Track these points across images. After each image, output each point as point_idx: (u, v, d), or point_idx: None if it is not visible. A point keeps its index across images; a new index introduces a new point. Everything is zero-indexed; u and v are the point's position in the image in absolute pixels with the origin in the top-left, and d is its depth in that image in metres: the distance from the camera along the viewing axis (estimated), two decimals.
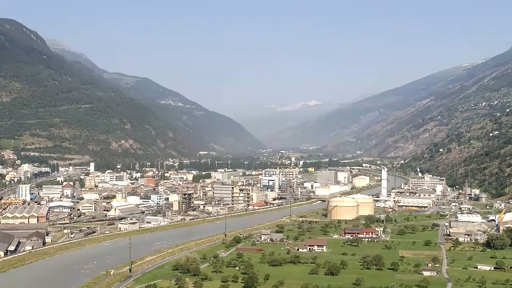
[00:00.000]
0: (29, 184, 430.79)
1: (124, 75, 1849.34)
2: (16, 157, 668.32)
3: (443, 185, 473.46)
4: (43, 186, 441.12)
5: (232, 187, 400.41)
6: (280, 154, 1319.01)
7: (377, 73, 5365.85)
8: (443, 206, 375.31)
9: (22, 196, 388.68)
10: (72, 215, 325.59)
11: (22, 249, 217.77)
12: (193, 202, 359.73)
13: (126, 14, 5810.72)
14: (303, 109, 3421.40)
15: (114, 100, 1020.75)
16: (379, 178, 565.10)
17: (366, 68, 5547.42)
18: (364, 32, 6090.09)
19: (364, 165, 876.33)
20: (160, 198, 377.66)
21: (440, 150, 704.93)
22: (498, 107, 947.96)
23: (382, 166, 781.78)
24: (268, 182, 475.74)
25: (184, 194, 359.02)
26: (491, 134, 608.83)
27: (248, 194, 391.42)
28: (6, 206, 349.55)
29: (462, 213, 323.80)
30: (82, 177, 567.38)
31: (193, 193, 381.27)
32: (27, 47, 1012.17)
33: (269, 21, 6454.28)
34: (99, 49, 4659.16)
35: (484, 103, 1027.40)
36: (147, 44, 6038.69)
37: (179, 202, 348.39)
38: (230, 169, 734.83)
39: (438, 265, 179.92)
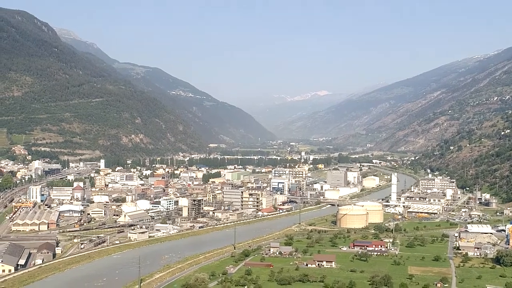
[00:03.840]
0: (40, 186, 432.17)
1: (135, 65, 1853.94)
2: (27, 153, 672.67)
3: (453, 188, 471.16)
4: (53, 187, 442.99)
5: (242, 192, 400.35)
6: (290, 147, 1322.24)
7: (388, 63, 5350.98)
8: (453, 213, 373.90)
9: (32, 198, 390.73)
10: (82, 221, 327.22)
11: (33, 262, 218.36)
12: (202, 208, 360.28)
13: (137, 3, 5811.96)
14: (313, 99, 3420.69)
15: (124, 94, 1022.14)
16: (389, 177, 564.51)
17: (377, 58, 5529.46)
18: (375, 22, 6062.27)
19: (374, 161, 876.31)
20: (170, 203, 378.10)
21: (451, 147, 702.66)
22: (510, 103, 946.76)
23: (393, 165, 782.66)
24: (278, 185, 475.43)
25: (194, 200, 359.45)
26: (502, 133, 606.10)
27: (257, 198, 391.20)
28: (16, 209, 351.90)
29: (472, 222, 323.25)
30: (92, 175, 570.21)
31: (202, 199, 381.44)
32: (38, 40, 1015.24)
33: (280, 11, 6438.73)
34: (110, 39, 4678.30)
35: (496, 98, 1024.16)
36: (158, 34, 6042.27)
37: (188, 209, 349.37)
38: (240, 166, 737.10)
39: (447, 285, 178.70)
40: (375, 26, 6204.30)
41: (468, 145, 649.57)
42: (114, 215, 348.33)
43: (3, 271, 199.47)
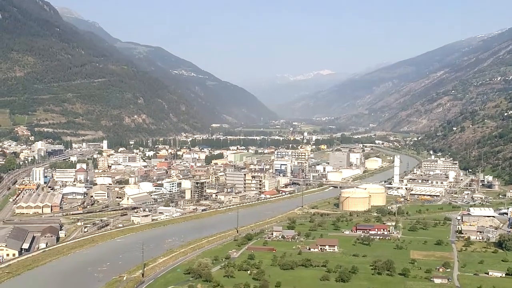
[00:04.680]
0: (43, 167, 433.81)
1: (137, 44, 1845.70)
2: (29, 133, 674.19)
3: (456, 170, 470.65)
4: (56, 169, 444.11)
5: (245, 174, 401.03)
6: (292, 127, 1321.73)
7: (391, 42, 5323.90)
8: (455, 195, 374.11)
9: (36, 180, 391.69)
10: (85, 203, 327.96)
11: (37, 246, 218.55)
12: (205, 190, 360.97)
13: None
14: (316, 78, 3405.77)
15: (127, 74, 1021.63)
16: (391, 158, 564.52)
17: (380, 37, 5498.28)
18: (379, 1, 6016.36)
19: (376, 141, 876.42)
20: (173, 185, 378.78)
21: (454, 128, 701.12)
22: None
23: (396, 145, 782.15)
24: (280, 167, 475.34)
25: (197, 183, 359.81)
26: (505, 114, 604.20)
27: (260, 181, 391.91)
28: (20, 191, 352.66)
29: (475, 204, 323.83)
30: (95, 156, 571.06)
31: (205, 182, 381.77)
32: (40, 20, 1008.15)
33: None
34: (111, 18, 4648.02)
35: (499, 78, 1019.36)
36: (160, 12, 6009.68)
37: (191, 191, 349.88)
38: (243, 147, 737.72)
39: (449, 270, 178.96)
40: (378, 4, 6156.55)
41: (471, 126, 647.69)
42: (117, 197, 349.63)
43: (7, 255, 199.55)
